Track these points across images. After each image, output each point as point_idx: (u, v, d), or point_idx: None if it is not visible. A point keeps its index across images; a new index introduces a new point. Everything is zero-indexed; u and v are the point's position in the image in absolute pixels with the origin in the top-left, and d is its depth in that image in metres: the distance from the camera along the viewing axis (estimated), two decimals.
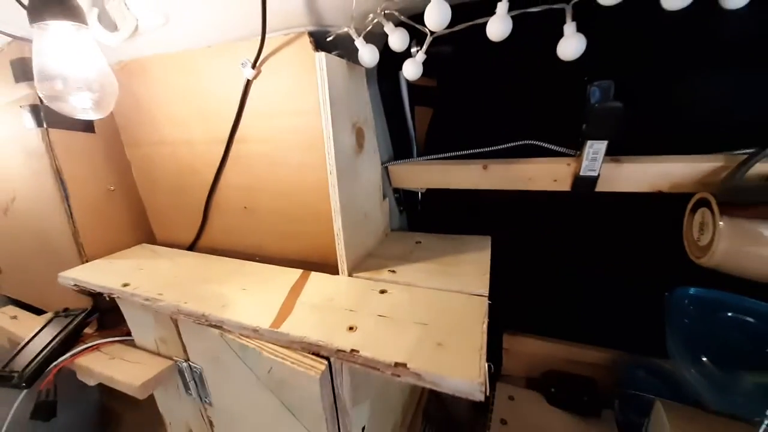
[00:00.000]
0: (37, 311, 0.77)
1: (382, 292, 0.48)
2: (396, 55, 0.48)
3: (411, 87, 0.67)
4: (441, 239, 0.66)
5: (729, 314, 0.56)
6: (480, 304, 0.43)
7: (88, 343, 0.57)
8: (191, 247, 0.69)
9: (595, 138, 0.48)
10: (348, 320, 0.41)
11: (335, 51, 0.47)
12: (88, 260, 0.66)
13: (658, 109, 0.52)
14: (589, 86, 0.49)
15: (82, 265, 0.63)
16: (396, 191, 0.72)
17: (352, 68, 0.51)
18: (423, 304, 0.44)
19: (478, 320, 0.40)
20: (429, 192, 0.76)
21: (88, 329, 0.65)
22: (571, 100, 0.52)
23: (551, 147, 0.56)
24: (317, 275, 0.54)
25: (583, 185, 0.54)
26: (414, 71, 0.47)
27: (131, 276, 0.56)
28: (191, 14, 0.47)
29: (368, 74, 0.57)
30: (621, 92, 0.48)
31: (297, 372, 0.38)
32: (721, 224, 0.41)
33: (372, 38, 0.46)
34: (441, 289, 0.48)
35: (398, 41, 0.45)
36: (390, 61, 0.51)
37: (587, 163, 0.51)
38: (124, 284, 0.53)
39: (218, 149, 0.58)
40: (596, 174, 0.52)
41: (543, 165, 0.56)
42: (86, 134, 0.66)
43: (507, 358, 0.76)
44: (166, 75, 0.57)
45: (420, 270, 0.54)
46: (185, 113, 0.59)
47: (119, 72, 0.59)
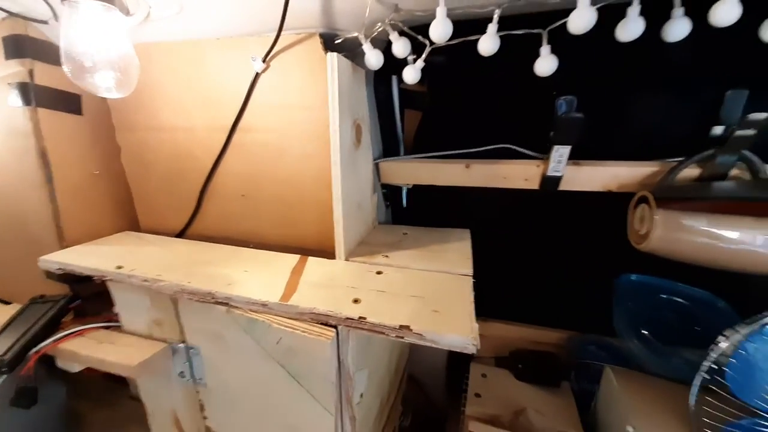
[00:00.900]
0: None
1: (379, 273, 0.53)
2: (389, 62, 0.54)
3: (401, 91, 0.73)
4: (425, 231, 0.72)
5: (664, 296, 0.67)
6: (466, 282, 0.50)
7: (72, 329, 0.55)
8: (180, 234, 0.70)
9: (561, 143, 0.57)
10: (351, 294, 0.45)
11: (342, 53, 0.52)
12: (68, 245, 0.64)
13: (610, 122, 0.63)
14: (557, 100, 0.58)
15: (65, 250, 0.61)
16: (384, 187, 0.78)
17: (355, 69, 0.56)
18: (417, 282, 0.50)
19: (467, 294, 0.46)
20: (411, 190, 0.83)
21: (65, 318, 0.62)
22: (542, 112, 0.62)
23: (524, 151, 0.65)
24: (315, 259, 0.57)
25: (550, 184, 0.63)
26: (413, 76, 0.53)
27: (123, 259, 0.56)
28: (207, 7, 0.49)
29: (366, 77, 0.63)
30: (582, 106, 0.57)
31: (308, 340, 0.41)
32: (657, 216, 0.51)
33: (375, 44, 0.52)
34: (431, 271, 0.54)
35: (401, 48, 0.51)
36: (384, 67, 0.56)
37: (553, 165, 0.60)
38: (118, 266, 0.53)
39: (219, 137, 0.60)
40: (560, 174, 0.61)
41: (516, 166, 0.64)
42: (74, 116, 0.65)
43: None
44: (171, 62, 0.58)
45: (410, 255, 0.59)
46: (187, 101, 0.60)
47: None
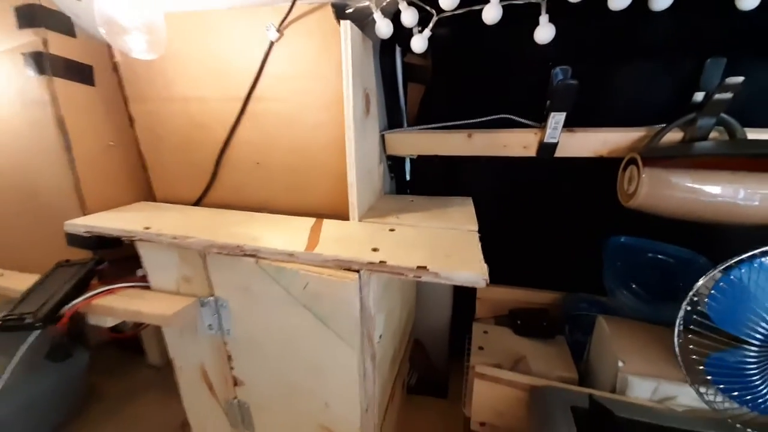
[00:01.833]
0: None
1: (392, 230, 0.57)
2: (396, 33, 0.57)
3: (404, 65, 0.76)
4: (429, 199, 0.77)
5: (650, 255, 0.73)
6: (473, 235, 0.54)
7: (105, 287, 0.58)
8: (196, 203, 0.72)
9: (557, 110, 0.62)
10: (369, 245, 0.50)
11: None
12: (89, 213, 0.66)
13: (600, 92, 0.67)
14: (553, 70, 0.62)
15: (89, 216, 0.64)
16: (389, 158, 0.81)
17: (365, 40, 0.59)
18: (427, 237, 0.54)
19: (474, 243, 0.51)
20: (413, 164, 0.87)
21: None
22: (539, 84, 0.66)
23: (522, 120, 0.69)
24: (330, 221, 0.61)
25: (546, 151, 0.67)
26: (421, 45, 0.56)
27: (148, 222, 0.59)
28: None
29: (373, 49, 0.65)
30: (575, 76, 0.61)
31: (334, 283, 0.46)
32: (644, 175, 0.56)
33: (383, 14, 0.55)
34: (440, 228, 0.58)
35: (409, 18, 0.54)
36: (391, 38, 0.59)
37: (550, 131, 0.64)
38: (146, 227, 0.56)
39: (233, 106, 0.63)
40: (556, 141, 0.65)
41: (516, 134, 0.69)
42: (87, 87, 0.66)
43: (479, 305, 0.89)
44: (185, 32, 0.60)
45: (419, 217, 0.64)
46: (201, 71, 0.62)
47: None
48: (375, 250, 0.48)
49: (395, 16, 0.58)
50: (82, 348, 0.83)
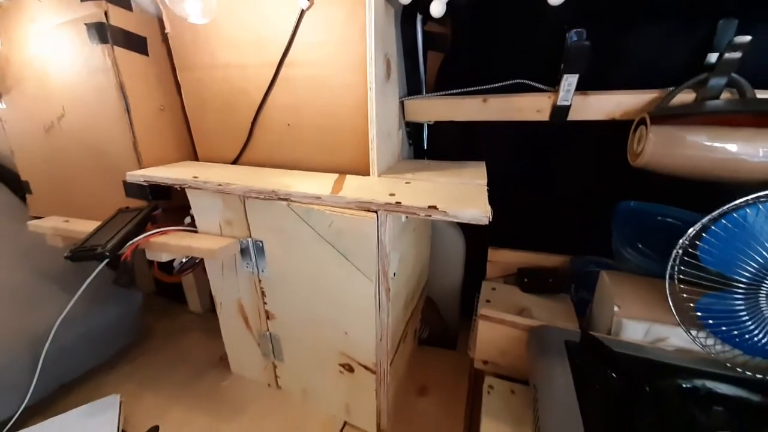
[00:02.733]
0: None
1: (407, 183, 0.63)
2: (415, 2, 0.61)
3: (424, 33, 0.80)
4: (445, 162, 0.82)
5: (658, 218, 0.75)
6: (482, 187, 0.59)
7: (160, 229, 0.68)
8: (234, 162, 0.81)
9: (570, 72, 0.64)
10: (387, 192, 0.56)
11: None
12: (144, 168, 0.76)
13: (614, 55, 0.69)
14: (568, 33, 0.65)
15: (145, 168, 0.74)
16: (407, 125, 0.86)
17: (387, 7, 0.63)
18: (440, 188, 0.60)
19: (482, 192, 0.56)
20: (430, 133, 0.92)
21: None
22: (555, 50, 0.68)
23: (536, 85, 0.72)
24: (352, 176, 0.67)
25: (559, 114, 0.70)
26: (439, 9, 0.60)
27: (196, 173, 0.68)
28: None
29: (394, 18, 0.70)
30: (590, 39, 0.64)
31: (355, 220, 0.53)
32: (651, 133, 0.59)
33: None
34: (452, 182, 0.63)
35: None
36: (410, 7, 0.63)
37: (563, 94, 0.67)
38: (194, 176, 0.65)
39: (268, 72, 0.70)
40: (569, 103, 0.68)
41: (530, 98, 0.72)
42: (142, 56, 0.75)
43: (490, 268, 0.94)
44: (227, 3, 0.67)
45: (433, 174, 0.69)
46: (241, 39, 0.69)
47: None
48: (392, 195, 0.54)
49: None
50: (136, 289, 0.96)
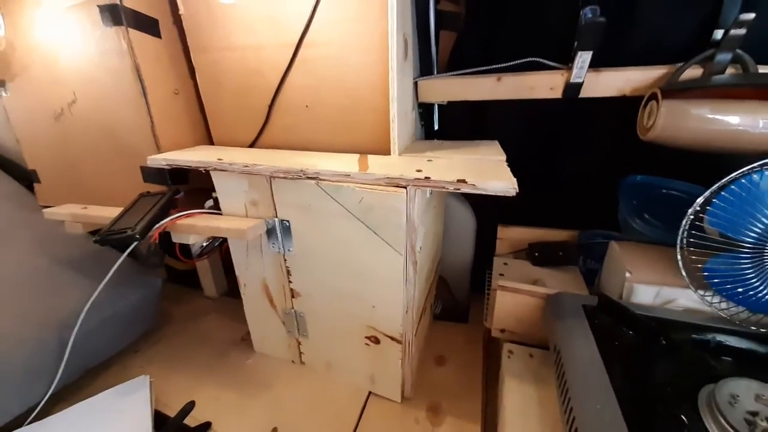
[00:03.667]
0: None
1: (429, 160, 0.65)
2: None
3: (437, 13, 0.80)
4: (459, 142, 0.84)
5: (664, 191, 0.79)
6: (502, 162, 0.62)
7: (185, 212, 0.69)
8: (251, 146, 0.81)
9: (584, 49, 0.66)
10: (413, 168, 0.58)
11: None
12: (162, 152, 0.77)
13: (623, 32, 0.71)
14: (582, 9, 0.66)
15: (165, 153, 0.74)
16: (420, 106, 0.88)
17: None
18: (462, 164, 0.62)
19: (504, 166, 0.59)
20: (441, 113, 0.93)
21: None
22: (568, 28, 0.70)
23: (549, 63, 0.74)
24: (374, 156, 0.69)
25: (571, 91, 0.72)
26: None
27: (218, 156, 0.68)
28: None
29: None
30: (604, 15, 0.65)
31: (385, 195, 0.55)
32: (662, 107, 0.62)
33: None
34: (472, 159, 0.66)
35: None
36: None
37: (576, 71, 0.69)
38: (219, 159, 0.66)
39: (285, 52, 0.70)
40: (582, 80, 0.70)
41: (543, 76, 0.74)
42: (154, 38, 0.74)
43: (500, 245, 0.98)
44: None
45: (451, 152, 0.71)
46: (256, 19, 0.69)
47: None
48: (419, 171, 0.56)
49: None
50: (157, 273, 0.97)
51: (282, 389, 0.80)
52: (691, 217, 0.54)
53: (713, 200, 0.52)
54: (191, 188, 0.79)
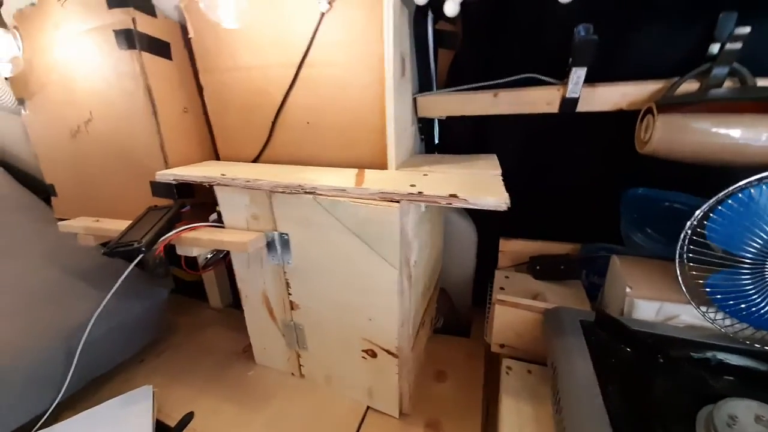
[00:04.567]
0: None
1: (425, 175, 0.66)
2: (429, 3, 0.65)
3: (435, 32, 0.83)
4: (458, 156, 0.85)
5: (666, 204, 0.78)
6: (497, 177, 0.63)
7: (190, 225, 0.71)
8: (255, 161, 0.84)
9: (578, 65, 0.67)
10: (408, 183, 0.59)
11: None
12: (170, 167, 0.80)
13: (619, 49, 0.72)
14: (576, 27, 0.67)
15: (173, 168, 0.77)
16: (419, 121, 0.90)
17: (402, 8, 0.66)
18: (457, 178, 0.63)
19: (498, 181, 0.59)
20: (440, 129, 0.95)
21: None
22: (562, 46, 0.71)
23: (546, 79, 0.75)
24: (372, 170, 0.71)
25: (568, 105, 0.73)
26: (453, 9, 0.63)
27: (222, 171, 0.71)
28: None
29: (408, 18, 0.73)
30: (597, 33, 0.67)
31: (379, 210, 0.56)
32: (658, 121, 0.62)
33: None
34: (468, 173, 0.67)
35: None
36: (423, 8, 0.66)
37: (571, 87, 0.70)
38: (222, 174, 0.68)
39: (288, 73, 0.73)
40: (577, 96, 0.71)
41: (540, 91, 0.75)
42: (166, 60, 0.79)
43: (501, 258, 0.97)
44: (251, 7, 0.70)
45: (449, 166, 0.72)
46: (263, 41, 0.72)
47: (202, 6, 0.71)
48: (413, 186, 0.57)
49: None
50: (162, 284, 0.99)
51: (281, 403, 0.80)
52: (689, 232, 0.53)
53: (710, 215, 0.51)
54: (198, 202, 0.82)
